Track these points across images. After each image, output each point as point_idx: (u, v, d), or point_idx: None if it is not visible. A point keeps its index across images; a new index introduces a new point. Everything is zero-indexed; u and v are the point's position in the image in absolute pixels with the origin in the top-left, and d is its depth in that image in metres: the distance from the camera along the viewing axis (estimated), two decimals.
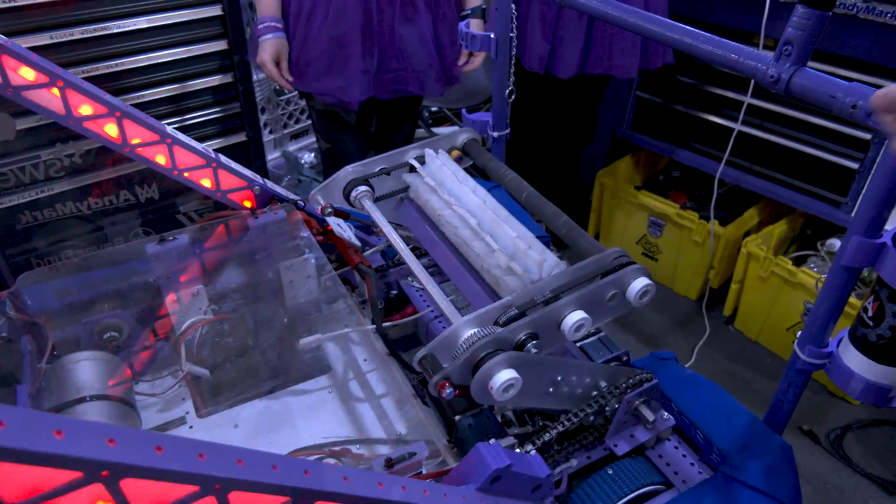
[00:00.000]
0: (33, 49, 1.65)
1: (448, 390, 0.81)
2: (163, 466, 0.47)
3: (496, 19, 1.37)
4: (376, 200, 1.21)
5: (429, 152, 1.21)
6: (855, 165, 1.94)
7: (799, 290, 2.03)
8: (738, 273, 2.22)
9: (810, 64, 1.92)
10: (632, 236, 2.51)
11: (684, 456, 1.03)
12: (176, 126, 1.97)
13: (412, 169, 1.22)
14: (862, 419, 1.97)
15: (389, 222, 1.13)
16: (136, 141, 1.07)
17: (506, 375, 0.79)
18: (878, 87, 0.80)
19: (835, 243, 2.12)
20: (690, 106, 2.33)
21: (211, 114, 2.03)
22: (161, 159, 1.10)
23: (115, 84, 1.83)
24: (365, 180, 1.19)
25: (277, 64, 1.77)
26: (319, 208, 1.17)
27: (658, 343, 2.28)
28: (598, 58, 1.97)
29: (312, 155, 2.75)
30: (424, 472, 0.98)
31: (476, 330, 0.85)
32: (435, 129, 3.17)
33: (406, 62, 1.81)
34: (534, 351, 0.83)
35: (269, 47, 1.75)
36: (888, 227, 0.86)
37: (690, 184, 2.51)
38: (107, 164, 1.85)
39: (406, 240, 1.15)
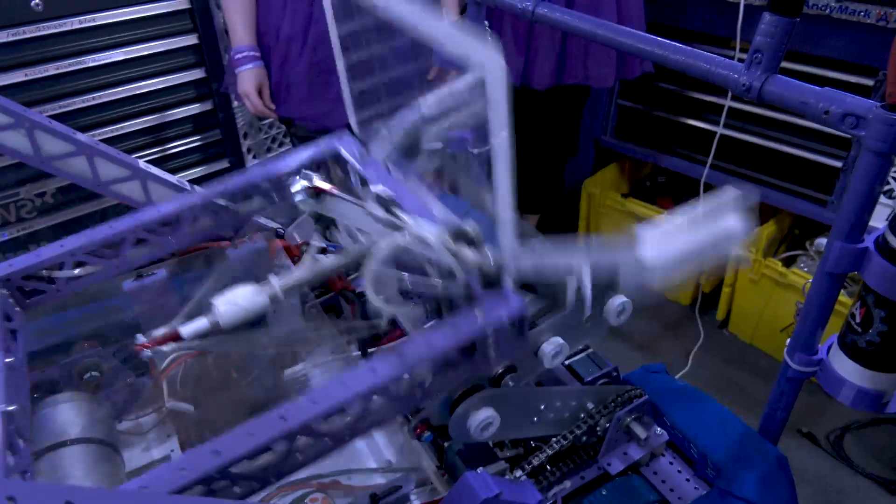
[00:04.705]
0: (8, 87, 1.66)
1: (427, 434, 0.79)
2: None
3: None
4: None
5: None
6: (838, 164, 1.94)
7: (790, 291, 2.02)
8: (728, 276, 2.21)
9: (789, 64, 1.92)
10: None
11: (679, 471, 1.01)
12: (157, 156, 1.95)
13: None
14: (860, 419, 1.95)
15: None
16: (108, 178, 1.05)
17: (483, 415, 0.77)
18: (857, 85, 0.79)
19: (823, 242, 2.11)
20: (672, 112, 2.33)
21: (192, 143, 2.02)
22: (135, 195, 1.08)
23: (93, 117, 1.82)
24: None
25: (259, 94, 1.76)
26: (296, 245, 1.15)
27: (652, 350, 2.26)
28: (573, 69, 1.97)
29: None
30: (417, 503, 0.96)
31: None
32: None
33: None
34: (511, 384, 0.82)
35: (251, 78, 1.73)
36: (876, 224, 0.85)
37: (677, 189, 2.51)
38: (80, 201, 1.83)
39: None
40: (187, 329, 0.77)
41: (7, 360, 0.76)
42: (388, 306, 0.80)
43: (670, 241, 0.79)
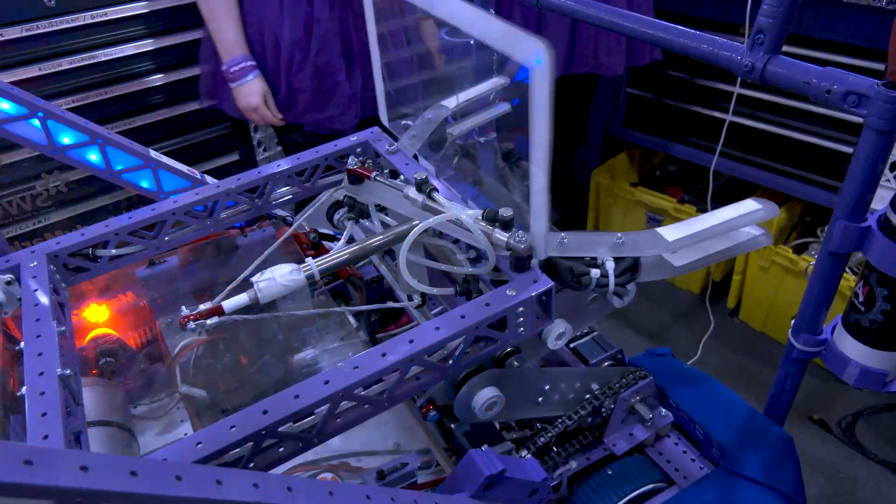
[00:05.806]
0: (22, 82, 1.69)
1: (432, 413, 0.81)
2: (138, 491, 0.47)
3: None
4: None
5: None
6: (849, 150, 1.92)
7: (801, 278, 2.01)
8: (739, 264, 2.20)
9: (799, 50, 1.90)
10: None
11: (684, 452, 1.02)
12: (168, 149, 1.98)
13: None
14: (872, 405, 1.95)
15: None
16: (120, 167, 1.07)
17: (488, 394, 0.78)
18: (869, 70, 0.80)
19: None
20: (681, 100, 2.32)
21: (202, 136, 2.04)
22: (146, 184, 1.11)
23: (105, 111, 1.85)
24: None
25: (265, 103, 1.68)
26: (305, 233, 1.17)
27: (663, 338, 2.26)
28: (583, 57, 1.97)
29: None
30: (421, 480, 0.98)
31: None
32: None
33: None
34: (516, 364, 0.83)
35: (256, 89, 1.64)
36: (877, 206, 0.85)
37: (687, 177, 2.50)
38: (95, 194, 1.86)
39: None
40: (229, 304, 0.81)
41: (59, 329, 0.79)
42: (420, 285, 0.82)
43: (689, 227, 0.84)
